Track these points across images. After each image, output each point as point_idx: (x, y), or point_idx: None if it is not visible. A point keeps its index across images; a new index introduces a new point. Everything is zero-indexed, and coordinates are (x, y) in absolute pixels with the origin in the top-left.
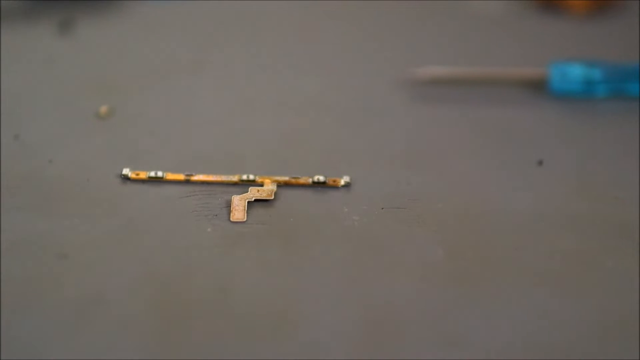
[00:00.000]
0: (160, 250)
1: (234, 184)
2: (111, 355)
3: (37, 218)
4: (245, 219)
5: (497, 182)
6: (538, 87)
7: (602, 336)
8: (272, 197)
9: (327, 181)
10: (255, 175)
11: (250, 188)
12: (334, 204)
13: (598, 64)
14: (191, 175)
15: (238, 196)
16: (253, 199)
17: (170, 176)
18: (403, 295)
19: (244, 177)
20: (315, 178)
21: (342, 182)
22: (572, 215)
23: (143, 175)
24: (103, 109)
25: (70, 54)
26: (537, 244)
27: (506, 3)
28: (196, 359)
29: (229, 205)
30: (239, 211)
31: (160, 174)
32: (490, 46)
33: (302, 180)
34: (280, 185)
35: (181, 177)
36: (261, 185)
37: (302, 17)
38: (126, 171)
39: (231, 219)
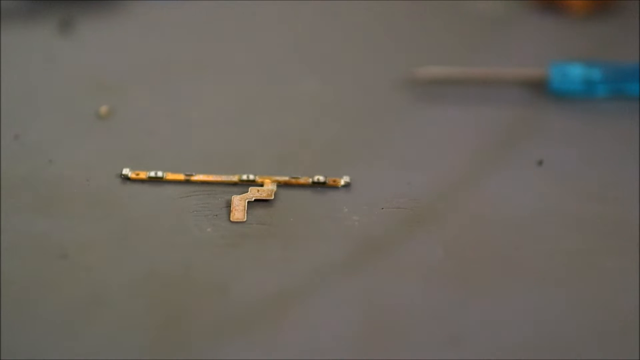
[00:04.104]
0: (160, 250)
1: (234, 184)
2: (111, 355)
3: (37, 218)
4: (245, 219)
5: (497, 182)
6: (538, 87)
7: (602, 336)
8: (272, 197)
9: (327, 181)
10: (255, 175)
11: (250, 188)
12: (334, 204)
13: (598, 64)
14: (191, 175)
15: (238, 196)
16: (253, 199)
17: (170, 176)
18: (403, 295)
19: (244, 177)
20: (315, 178)
21: (342, 182)
22: (572, 215)
23: (143, 175)
24: (103, 109)
25: (70, 54)
26: (537, 244)
27: (506, 3)
28: (196, 358)
29: (229, 205)
30: (239, 211)
31: (160, 174)
32: (490, 46)
33: (302, 180)
34: (280, 185)
35: (181, 177)
36: (261, 185)
37: (302, 17)
38: (126, 171)
39: (231, 219)
